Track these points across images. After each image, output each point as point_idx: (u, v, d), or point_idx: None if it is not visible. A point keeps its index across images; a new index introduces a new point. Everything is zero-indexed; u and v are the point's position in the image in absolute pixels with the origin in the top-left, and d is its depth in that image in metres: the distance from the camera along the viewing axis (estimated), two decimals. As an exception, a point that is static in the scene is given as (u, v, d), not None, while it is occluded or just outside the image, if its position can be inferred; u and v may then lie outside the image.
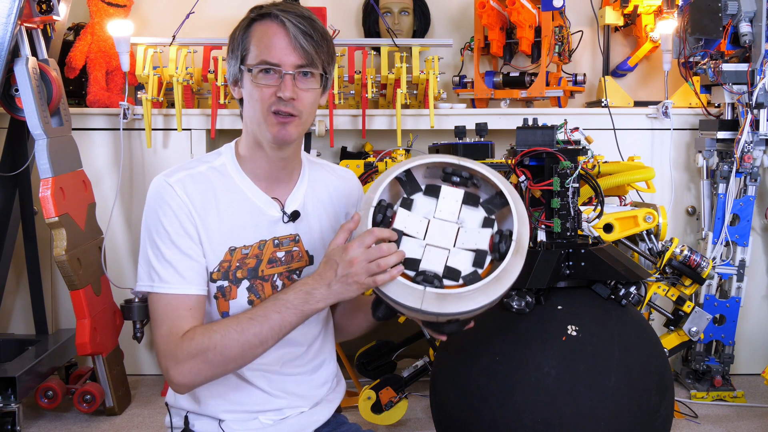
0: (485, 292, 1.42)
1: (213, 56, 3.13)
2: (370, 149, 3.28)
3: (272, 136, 1.54)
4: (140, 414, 2.83)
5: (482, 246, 1.47)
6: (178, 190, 1.54)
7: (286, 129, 1.54)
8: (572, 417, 1.76)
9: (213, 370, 1.50)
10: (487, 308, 1.46)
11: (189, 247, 1.53)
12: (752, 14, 2.84)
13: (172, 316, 1.52)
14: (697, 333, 2.57)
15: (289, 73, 1.52)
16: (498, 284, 1.43)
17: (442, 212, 1.51)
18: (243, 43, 1.56)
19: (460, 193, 1.52)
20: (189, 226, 1.54)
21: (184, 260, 1.53)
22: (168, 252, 1.53)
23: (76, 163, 2.86)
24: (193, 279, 1.53)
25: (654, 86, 3.61)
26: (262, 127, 1.55)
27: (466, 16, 3.61)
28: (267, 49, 1.52)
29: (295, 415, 1.65)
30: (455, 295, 1.41)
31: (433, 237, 1.48)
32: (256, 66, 1.53)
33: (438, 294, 1.41)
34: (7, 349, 2.86)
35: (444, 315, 1.43)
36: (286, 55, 1.52)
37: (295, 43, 1.52)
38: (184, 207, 1.54)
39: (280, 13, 1.53)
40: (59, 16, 2.78)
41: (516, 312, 1.84)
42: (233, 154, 1.63)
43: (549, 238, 1.92)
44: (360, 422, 2.39)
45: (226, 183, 1.59)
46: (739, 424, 2.72)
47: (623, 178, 2.64)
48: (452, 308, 1.41)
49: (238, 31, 1.58)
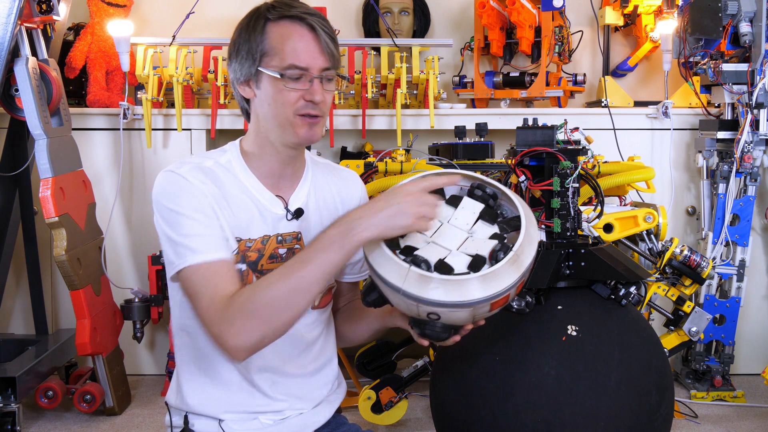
0: (466, 287, 1.39)
1: (213, 56, 3.13)
2: (370, 149, 3.28)
3: (301, 138, 1.55)
4: (140, 414, 2.83)
5: (483, 254, 1.46)
6: (190, 178, 1.53)
7: (313, 130, 1.55)
8: (572, 417, 1.76)
9: (268, 325, 1.43)
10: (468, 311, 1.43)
11: (207, 220, 1.51)
12: (752, 14, 2.84)
13: (211, 283, 1.48)
14: (697, 333, 2.57)
15: (317, 77, 1.52)
16: (482, 285, 1.40)
17: (456, 220, 1.52)
18: (261, 44, 1.54)
19: (479, 207, 1.53)
20: (205, 206, 1.52)
21: (208, 231, 1.50)
22: (188, 227, 1.50)
23: (76, 163, 2.86)
24: (222, 245, 1.51)
25: (654, 86, 3.61)
26: (287, 129, 1.55)
27: (466, 16, 3.61)
28: (295, 53, 1.51)
29: (295, 416, 1.66)
30: (437, 280, 1.39)
31: (440, 238, 1.49)
32: (286, 70, 1.52)
33: (420, 275, 1.39)
34: (7, 349, 2.86)
35: (423, 302, 1.40)
36: (314, 59, 1.52)
37: (324, 47, 1.52)
38: (197, 188, 1.52)
39: (305, 15, 1.52)
40: (59, 16, 2.78)
41: (516, 312, 1.85)
42: (238, 152, 1.63)
43: (549, 238, 1.92)
44: (360, 422, 2.39)
45: (231, 179, 1.60)
46: (739, 424, 2.72)
47: (623, 178, 2.64)
48: (431, 294, 1.39)
49: (252, 30, 1.56)
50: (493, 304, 1.44)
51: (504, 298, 1.45)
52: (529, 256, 1.46)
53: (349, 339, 1.81)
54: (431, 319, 1.45)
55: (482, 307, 1.43)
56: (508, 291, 1.43)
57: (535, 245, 1.48)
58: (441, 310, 1.42)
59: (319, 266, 1.41)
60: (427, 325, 1.48)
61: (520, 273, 1.44)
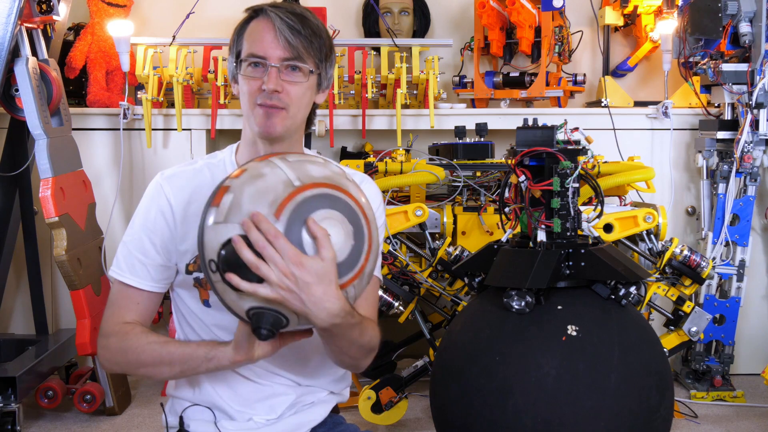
0: None
1: (213, 56, 3.13)
2: (370, 149, 3.28)
3: (258, 128, 1.57)
4: (140, 414, 2.83)
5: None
6: (165, 186, 1.61)
7: (270, 120, 1.56)
8: (572, 417, 1.76)
9: (131, 371, 1.60)
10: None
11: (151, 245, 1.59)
12: (752, 14, 2.84)
13: (120, 302, 1.61)
14: (697, 333, 2.57)
15: (274, 66, 1.54)
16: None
17: None
18: (238, 40, 1.60)
19: None
20: (162, 225, 1.60)
21: (142, 256, 1.60)
22: (132, 243, 1.61)
23: (76, 163, 2.86)
24: (144, 275, 1.60)
25: (654, 86, 3.61)
26: (250, 120, 1.59)
27: (466, 16, 3.61)
28: (254, 43, 1.56)
29: (290, 415, 1.66)
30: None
31: None
32: (245, 59, 1.57)
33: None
34: (7, 349, 2.86)
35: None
36: (272, 49, 1.54)
37: (280, 36, 1.54)
38: (165, 204, 1.60)
39: (270, 9, 1.56)
40: (59, 16, 2.78)
41: (516, 312, 1.85)
42: (232, 153, 1.67)
43: (549, 238, 1.91)
44: (360, 422, 2.39)
45: (219, 176, 1.61)
46: (739, 424, 2.72)
47: (623, 178, 2.65)
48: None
49: (237, 30, 1.62)
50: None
51: None
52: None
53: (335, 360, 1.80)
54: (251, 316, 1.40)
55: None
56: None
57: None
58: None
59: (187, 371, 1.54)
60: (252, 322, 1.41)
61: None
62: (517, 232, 2.02)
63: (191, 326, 1.65)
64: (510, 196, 2.03)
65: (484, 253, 2.02)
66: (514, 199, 2.01)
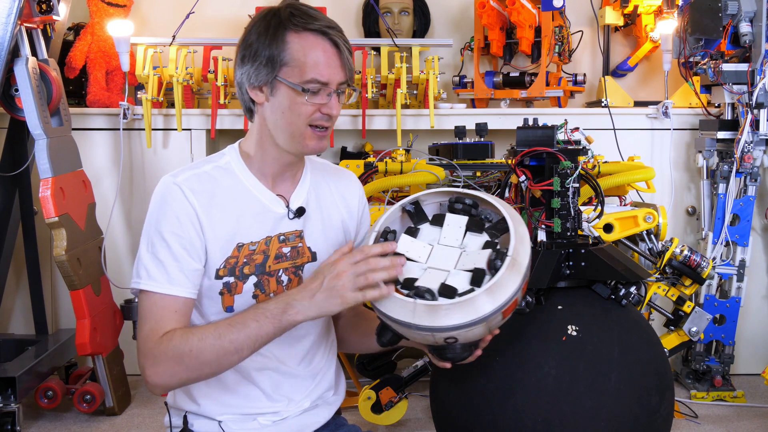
0: (475, 305, 1.40)
1: (213, 56, 3.13)
2: (370, 149, 3.28)
3: (310, 149, 1.57)
4: (140, 414, 2.83)
5: (480, 265, 1.47)
6: (184, 189, 1.55)
7: (322, 142, 1.58)
8: (572, 417, 1.76)
9: (188, 373, 1.49)
10: (482, 326, 1.43)
11: (182, 251, 1.53)
12: (752, 14, 2.84)
13: (157, 315, 1.52)
14: (697, 333, 2.57)
15: (336, 92, 1.54)
16: (490, 297, 1.41)
17: (446, 239, 1.52)
18: (282, 54, 1.53)
19: (464, 220, 1.53)
20: (189, 229, 1.54)
21: (175, 262, 1.53)
22: (161, 251, 1.53)
23: (76, 163, 2.86)
24: (181, 281, 1.53)
25: (654, 86, 3.61)
26: (296, 139, 1.56)
27: (466, 16, 3.61)
28: (317, 67, 1.52)
29: (294, 417, 1.66)
30: (446, 306, 1.40)
31: (435, 261, 1.49)
32: (307, 84, 1.52)
33: (428, 306, 1.40)
34: (7, 349, 2.86)
35: (438, 330, 1.41)
36: (335, 74, 1.54)
37: (346, 63, 1.54)
38: (188, 208, 1.54)
39: (328, 30, 1.53)
40: (59, 16, 2.78)
41: (516, 312, 1.84)
42: (238, 154, 1.64)
43: (549, 238, 1.91)
44: (360, 422, 2.38)
45: (231, 181, 1.60)
46: (739, 424, 2.72)
47: (623, 178, 2.64)
48: (444, 321, 1.39)
49: (272, 37, 1.54)
50: (504, 312, 1.45)
51: (513, 304, 1.45)
52: (525, 256, 1.46)
53: (351, 347, 1.82)
54: (449, 343, 1.46)
55: (495, 318, 1.44)
56: (515, 296, 1.44)
57: (527, 243, 1.48)
58: (457, 333, 1.42)
59: (252, 335, 1.47)
60: (446, 349, 1.49)
61: (521, 275, 1.44)
62: (517, 232, 2.02)
63: None
64: (510, 196, 2.03)
65: (484, 253, 2.02)
66: (514, 199, 2.01)
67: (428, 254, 1.51)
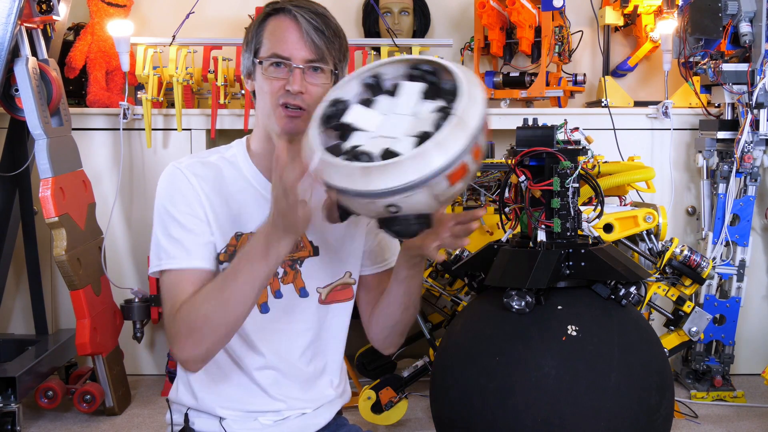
0: (412, 166, 1.30)
1: (213, 56, 3.13)
2: (370, 149, 3.27)
3: (280, 128, 1.57)
4: (140, 414, 2.83)
5: (428, 129, 1.37)
6: (188, 174, 1.58)
7: (294, 122, 1.56)
8: (572, 417, 1.76)
9: (209, 338, 1.48)
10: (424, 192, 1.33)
11: (195, 224, 1.56)
12: (752, 14, 2.84)
13: (176, 291, 1.53)
14: (697, 333, 2.57)
15: (298, 67, 1.54)
16: (428, 158, 1.30)
17: (399, 107, 1.46)
18: (257, 37, 1.59)
19: (420, 87, 1.47)
20: (197, 208, 1.57)
21: (190, 236, 1.55)
22: (175, 231, 1.55)
23: (76, 163, 2.86)
24: (199, 253, 1.55)
25: (654, 86, 3.61)
26: (271, 119, 1.58)
27: (466, 16, 3.61)
28: (279, 43, 1.55)
29: (295, 417, 1.66)
30: (379, 167, 1.31)
31: (385, 129, 1.43)
32: (268, 59, 1.56)
33: (362, 168, 1.32)
34: (7, 349, 2.86)
35: (374, 195, 1.32)
36: (297, 50, 1.54)
37: (306, 38, 1.54)
38: (193, 190, 1.57)
39: (293, 8, 1.56)
40: (59, 16, 2.78)
41: (516, 312, 1.84)
42: (244, 148, 1.67)
43: (549, 238, 1.91)
44: (360, 422, 2.39)
45: (234, 172, 1.63)
46: (739, 424, 2.72)
47: (623, 178, 2.64)
48: (378, 184, 1.31)
49: (255, 25, 1.60)
50: (450, 176, 1.34)
51: (460, 168, 1.35)
52: (474, 116, 1.36)
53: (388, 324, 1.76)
54: (392, 213, 1.37)
55: (439, 183, 1.33)
56: (460, 158, 1.33)
57: (479, 105, 1.38)
58: (395, 198, 1.33)
59: (249, 277, 1.45)
60: (393, 221, 1.39)
61: (468, 135, 1.34)
62: (517, 232, 2.02)
63: None
64: (510, 196, 2.03)
65: (484, 253, 2.02)
66: (514, 199, 2.01)
67: (379, 124, 1.44)
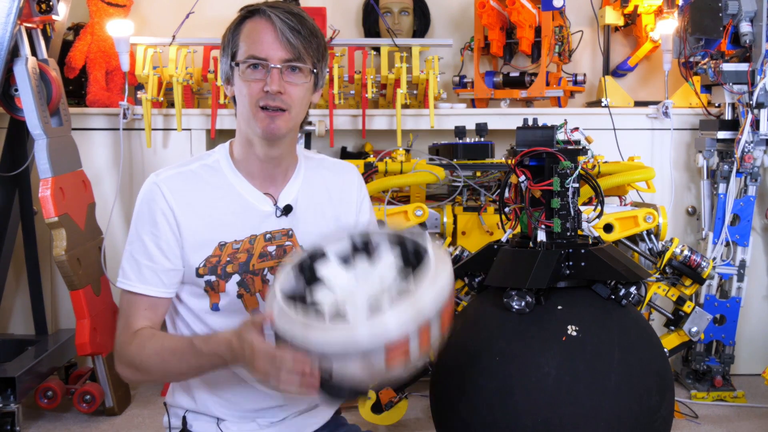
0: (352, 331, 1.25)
1: (213, 56, 3.13)
2: (370, 149, 3.28)
3: (261, 130, 1.55)
4: (140, 414, 2.83)
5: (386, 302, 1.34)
6: (163, 188, 1.58)
7: (275, 123, 1.55)
8: (572, 417, 1.76)
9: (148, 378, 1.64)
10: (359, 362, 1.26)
11: (158, 250, 1.57)
12: (752, 14, 2.84)
13: (129, 312, 1.59)
14: (697, 333, 2.57)
15: (276, 67, 1.53)
16: (368, 328, 1.24)
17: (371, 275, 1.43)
18: (233, 41, 1.58)
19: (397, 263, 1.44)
20: (165, 229, 1.57)
21: (149, 263, 1.57)
22: (137, 253, 1.59)
23: (75, 163, 2.86)
24: (153, 281, 1.58)
25: (654, 86, 3.61)
26: (251, 122, 1.57)
27: (466, 16, 3.61)
28: (255, 44, 1.54)
29: (292, 417, 1.66)
30: (317, 326, 1.28)
31: (348, 292, 1.41)
32: (245, 61, 1.55)
33: (304, 324, 1.29)
34: (7, 349, 2.86)
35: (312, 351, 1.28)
36: (273, 50, 1.53)
37: (282, 38, 1.53)
38: (166, 208, 1.57)
39: (267, 9, 1.55)
40: (59, 16, 2.78)
41: (516, 312, 1.84)
42: (227, 153, 1.65)
43: (549, 238, 1.91)
44: (360, 422, 2.38)
45: (217, 179, 1.61)
46: (740, 425, 2.72)
47: (623, 178, 2.64)
48: (315, 338, 1.27)
49: (231, 30, 1.60)
50: (388, 353, 1.25)
51: (400, 349, 1.25)
52: (428, 301, 1.28)
53: None
54: (324, 374, 1.30)
55: (375, 356, 1.25)
56: (402, 338, 1.24)
57: (438, 291, 1.31)
58: (329, 361, 1.28)
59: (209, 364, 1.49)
60: (324, 382, 1.31)
61: (417, 318, 1.26)
62: (517, 232, 2.02)
63: (194, 331, 1.63)
64: (510, 196, 2.03)
65: (484, 253, 2.02)
66: (514, 199, 2.01)
67: (346, 285, 1.43)
